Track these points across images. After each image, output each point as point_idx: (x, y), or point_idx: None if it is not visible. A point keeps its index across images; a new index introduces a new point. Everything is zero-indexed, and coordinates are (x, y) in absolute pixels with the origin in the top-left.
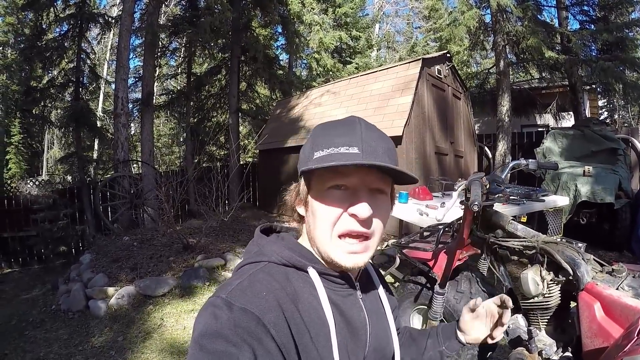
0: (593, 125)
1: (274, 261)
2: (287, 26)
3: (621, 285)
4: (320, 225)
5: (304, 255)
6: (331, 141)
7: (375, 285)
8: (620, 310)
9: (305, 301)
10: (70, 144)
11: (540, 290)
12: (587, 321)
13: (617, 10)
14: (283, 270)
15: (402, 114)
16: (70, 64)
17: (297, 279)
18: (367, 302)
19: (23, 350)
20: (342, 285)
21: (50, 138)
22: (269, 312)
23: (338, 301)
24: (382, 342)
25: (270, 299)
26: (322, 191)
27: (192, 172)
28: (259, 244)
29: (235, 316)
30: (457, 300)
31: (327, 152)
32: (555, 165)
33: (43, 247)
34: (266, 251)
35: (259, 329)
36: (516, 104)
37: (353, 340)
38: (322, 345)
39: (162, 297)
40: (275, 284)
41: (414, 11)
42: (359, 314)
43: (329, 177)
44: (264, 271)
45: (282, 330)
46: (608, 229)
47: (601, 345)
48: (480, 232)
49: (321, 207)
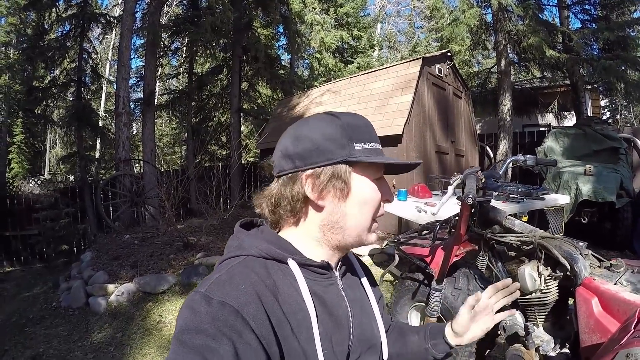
0: (594, 124)
1: (253, 254)
2: (288, 26)
3: (619, 280)
4: (366, 210)
5: (284, 248)
6: (368, 135)
7: (358, 275)
8: (618, 305)
9: (285, 293)
10: (72, 143)
11: (537, 286)
12: (585, 316)
13: (619, 9)
14: (262, 263)
15: (402, 113)
16: (72, 64)
17: (277, 271)
18: (349, 291)
19: (23, 346)
20: (322, 275)
21: (52, 137)
22: (248, 304)
23: (319, 291)
24: (367, 332)
25: (249, 291)
26: (368, 181)
27: (193, 171)
28: (239, 238)
29: (214, 310)
30: (454, 297)
31: (370, 146)
32: (553, 161)
33: (45, 246)
34: (245, 245)
35: (238, 322)
36: (518, 103)
37: (336, 330)
38: (303, 337)
39: (162, 295)
40: (254, 276)
41: (415, 11)
42: (340, 304)
43: (376, 170)
44: (243, 264)
45: (262, 323)
46: (609, 229)
47: (599, 340)
48: (478, 228)
49: (371, 194)
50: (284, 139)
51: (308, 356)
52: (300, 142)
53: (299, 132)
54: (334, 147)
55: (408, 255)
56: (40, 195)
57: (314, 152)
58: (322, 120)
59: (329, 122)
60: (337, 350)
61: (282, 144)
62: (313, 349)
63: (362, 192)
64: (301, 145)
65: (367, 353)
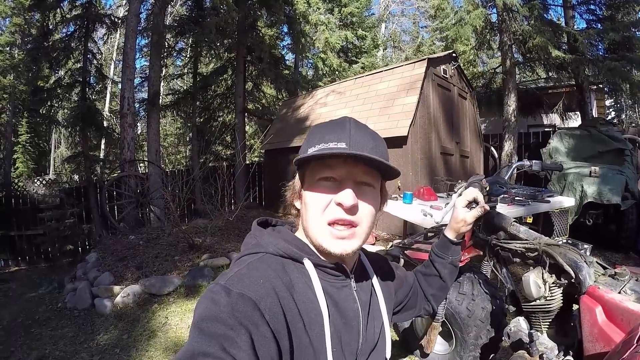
0: (600, 125)
1: (271, 252)
2: (292, 26)
3: (624, 288)
4: (312, 214)
5: (300, 247)
6: (322, 137)
7: (370, 277)
8: (622, 315)
9: (300, 291)
10: (77, 143)
11: (542, 293)
12: (589, 325)
13: (624, 9)
14: (280, 261)
15: (407, 114)
16: (77, 64)
17: (293, 270)
18: (361, 294)
19: (29, 347)
20: (337, 277)
21: (57, 137)
22: (265, 298)
23: (332, 292)
24: (375, 334)
25: (267, 286)
26: (313, 183)
27: (198, 172)
28: (257, 236)
29: (233, 301)
30: (459, 302)
31: (319, 147)
32: (559, 166)
33: (50, 246)
34: (264, 243)
35: (256, 314)
36: (522, 103)
37: (346, 331)
38: (315, 334)
39: (167, 296)
40: (272, 272)
41: (420, 10)
42: (352, 306)
43: (319, 170)
44: (262, 261)
45: (277, 317)
46: (614, 230)
47: (602, 349)
48: (483, 234)
49: (312, 196)
50: None
51: (317, 353)
52: None
53: None
54: (300, 155)
55: (412, 260)
56: (45, 195)
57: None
58: None
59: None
60: (346, 350)
61: None
62: (323, 347)
63: (305, 194)
64: None
65: (374, 355)
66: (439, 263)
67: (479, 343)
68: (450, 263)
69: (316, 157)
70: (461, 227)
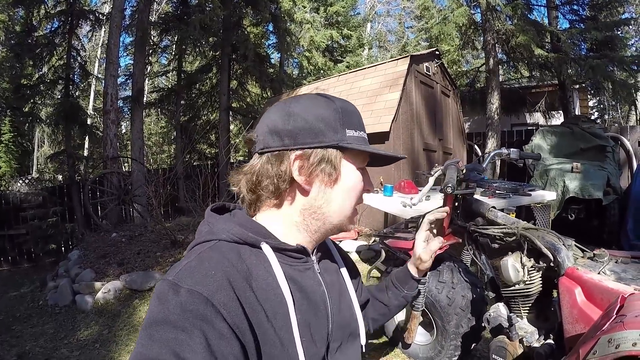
0: (582, 122)
1: (225, 239)
2: (278, 24)
3: (603, 269)
4: (351, 198)
5: (257, 231)
6: (358, 123)
7: (335, 259)
8: (601, 294)
9: (259, 278)
10: (60, 141)
11: (520, 277)
12: (568, 306)
13: (607, 9)
14: (235, 248)
15: (390, 110)
16: (61, 61)
17: (250, 256)
18: (325, 275)
19: (9, 344)
20: (298, 259)
21: (40, 136)
22: (219, 291)
23: (296, 276)
24: (346, 318)
25: (220, 277)
26: (354, 169)
27: (181, 167)
28: (210, 223)
29: (183, 300)
30: (438, 290)
31: (360, 134)
32: (538, 155)
33: (33, 245)
34: (216, 229)
35: (209, 311)
36: (506, 102)
37: (314, 317)
38: (280, 324)
39: (149, 292)
40: (226, 262)
41: (405, 11)
42: (317, 289)
43: (363, 159)
44: (214, 249)
45: (234, 310)
46: (597, 225)
47: (582, 330)
48: (461, 221)
49: (357, 182)
50: (272, 113)
51: (285, 343)
52: (291, 119)
53: (292, 109)
54: (327, 130)
55: (392, 249)
56: (28, 194)
57: (306, 132)
58: (316, 100)
59: (323, 103)
60: (316, 338)
61: (271, 118)
62: (290, 336)
63: (350, 179)
64: (293, 122)
65: (348, 340)
66: (393, 293)
67: (460, 332)
68: (403, 297)
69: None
70: (419, 264)
